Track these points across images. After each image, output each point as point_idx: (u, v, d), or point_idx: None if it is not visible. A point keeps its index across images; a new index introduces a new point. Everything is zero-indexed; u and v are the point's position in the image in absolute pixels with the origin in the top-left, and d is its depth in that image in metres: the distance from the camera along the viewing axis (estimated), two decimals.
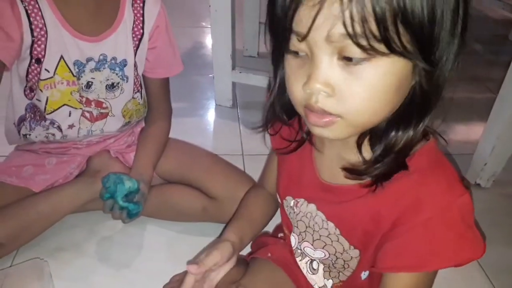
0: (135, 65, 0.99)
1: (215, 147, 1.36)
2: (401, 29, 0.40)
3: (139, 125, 1.13)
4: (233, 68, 1.51)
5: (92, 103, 0.98)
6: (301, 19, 0.42)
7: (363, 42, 0.40)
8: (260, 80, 1.47)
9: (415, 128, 0.48)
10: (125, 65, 0.97)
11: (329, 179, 0.59)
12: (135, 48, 0.97)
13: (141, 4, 0.96)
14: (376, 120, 0.47)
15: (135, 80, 1.01)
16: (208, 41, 2.20)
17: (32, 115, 0.97)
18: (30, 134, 0.99)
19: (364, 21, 0.39)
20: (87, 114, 0.99)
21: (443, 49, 0.44)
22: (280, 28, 0.45)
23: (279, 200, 0.71)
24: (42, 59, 0.89)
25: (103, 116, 1.01)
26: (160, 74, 1.05)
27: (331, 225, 0.60)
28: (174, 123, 1.16)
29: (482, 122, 1.23)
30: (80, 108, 0.97)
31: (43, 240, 0.99)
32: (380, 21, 0.39)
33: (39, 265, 0.86)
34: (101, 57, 0.94)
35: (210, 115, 1.61)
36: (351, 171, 0.53)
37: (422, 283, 0.54)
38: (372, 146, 0.51)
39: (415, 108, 0.48)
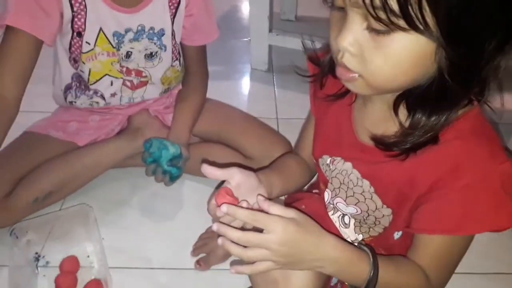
0: (173, 34, 1.00)
1: (250, 110, 1.37)
2: (426, 7, 0.40)
3: (176, 88, 1.16)
4: (270, 30, 1.50)
5: (132, 72, 1.01)
6: None
7: (382, 16, 0.42)
8: (297, 43, 1.42)
9: (440, 116, 0.49)
10: (163, 35, 0.99)
11: (367, 139, 0.59)
12: (172, 17, 0.98)
13: None
14: (394, 86, 0.50)
15: (173, 49, 1.02)
16: (245, 4, 2.17)
17: (78, 84, 1.01)
18: (75, 102, 1.04)
19: None
20: (128, 83, 1.02)
21: (476, 40, 0.43)
22: None
23: (313, 160, 0.72)
24: (82, 33, 0.92)
25: (143, 84, 1.04)
26: (197, 41, 1.06)
27: (366, 183, 0.61)
28: (210, 86, 1.17)
29: None
30: (121, 78, 1.00)
31: (89, 190, 1.05)
32: None
33: (85, 210, 0.92)
34: (139, 27, 0.95)
35: (246, 79, 1.61)
36: (379, 142, 0.55)
37: (455, 247, 0.55)
38: (409, 111, 0.52)
39: (437, 93, 0.48)
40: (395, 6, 0.41)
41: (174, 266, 0.91)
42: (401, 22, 0.42)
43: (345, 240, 0.56)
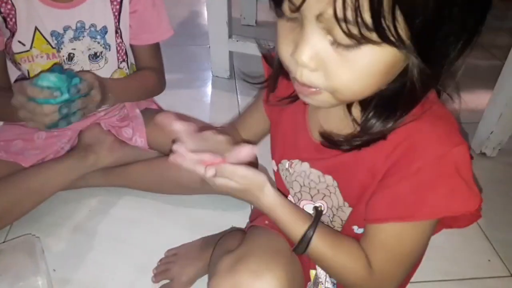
0: (118, 32, 0.94)
1: (213, 119, 1.32)
2: (399, 18, 0.38)
3: None
4: (230, 36, 1.45)
5: None
6: None
7: (354, 31, 0.38)
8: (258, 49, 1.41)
9: (396, 120, 0.48)
10: (105, 33, 0.92)
11: (320, 138, 0.57)
12: (116, 13, 0.92)
13: None
14: (362, 96, 0.46)
15: (118, 48, 0.96)
16: (204, 10, 2.12)
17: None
18: None
19: (357, 8, 0.37)
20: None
21: (444, 45, 0.41)
22: None
23: (273, 167, 0.69)
24: (15, 32, 0.85)
25: None
26: (145, 40, 0.99)
27: (328, 177, 0.58)
28: (170, 95, 1.11)
29: (488, 90, 1.19)
30: None
31: (37, 215, 0.96)
32: (376, 9, 0.36)
33: (31, 241, 0.83)
34: (79, 24, 0.89)
35: (207, 86, 1.56)
36: (327, 139, 0.54)
37: (406, 238, 0.51)
38: (363, 114, 0.50)
39: (405, 98, 0.46)
40: (368, 19, 0.37)
41: None
42: (373, 36, 0.38)
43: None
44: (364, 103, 0.50)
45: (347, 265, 0.53)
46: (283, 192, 0.67)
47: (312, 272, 0.66)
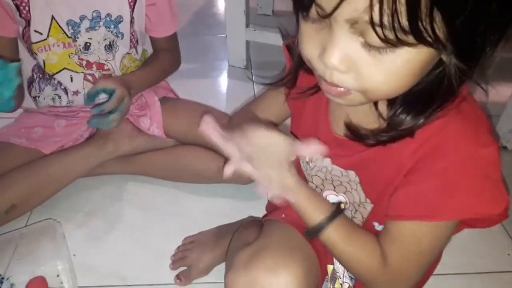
0: (132, 22, 0.94)
1: (229, 109, 1.32)
2: (437, 19, 0.36)
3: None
4: (247, 25, 1.44)
5: (94, 66, 0.94)
6: None
7: (390, 35, 0.37)
8: (276, 38, 1.39)
9: (427, 116, 0.46)
10: (120, 22, 0.92)
11: (342, 132, 0.55)
12: (132, 3, 0.92)
13: None
14: (393, 96, 0.45)
15: (131, 37, 0.96)
16: (221, 1, 2.11)
17: (41, 75, 0.95)
18: (39, 96, 0.97)
19: (395, 13, 0.35)
20: (90, 77, 0.95)
21: (482, 41, 0.40)
22: None
23: None
24: (30, 21, 0.86)
25: (106, 77, 0.96)
26: (162, 33, 1.01)
27: (351, 173, 0.57)
28: (186, 85, 1.11)
29: (510, 83, 1.16)
30: (82, 72, 0.94)
31: (57, 202, 0.98)
32: (414, 12, 0.35)
33: (52, 226, 0.85)
34: (95, 14, 0.89)
35: (223, 76, 1.55)
36: (353, 132, 0.52)
37: (426, 237, 0.50)
38: (392, 109, 0.48)
39: (439, 94, 0.45)
40: (404, 22, 0.35)
41: (152, 282, 0.84)
42: (410, 38, 0.37)
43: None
44: (392, 99, 0.48)
45: (360, 258, 0.52)
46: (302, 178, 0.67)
47: (330, 267, 0.66)
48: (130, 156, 1.05)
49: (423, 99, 0.46)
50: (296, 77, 0.59)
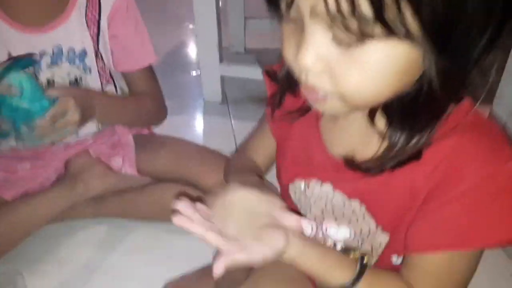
0: (98, 55, 0.90)
1: (207, 144, 1.27)
2: (405, 7, 0.32)
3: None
4: (221, 60, 1.42)
5: None
6: None
7: (353, 26, 0.34)
8: (250, 72, 1.38)
9: (427, 132, 0.42)
10: (85, 55, 0.88)
11: (340, 153, 0.51)
12: (94, 36, 0.88)
13: None
14: (377, 102, 0.42)
15: (101, 72, 0.91)
16: (192, 39, 2.12)
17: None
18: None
19: (354, 1, 0.32)
20: None
21: (464, 41, 0.36)
22: None
23: (278, 189, 0.63)
24: None
25: None
26: (130, 66, 0.93)
27: (355, 203, 0.52)
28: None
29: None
30: None
31: (20, 251, 0.89)
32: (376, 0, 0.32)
33: (13, 278, 0.76)
34: (56, 49, 0.85)
35: (199, 112, 1.52)
36: (353, 165, 0.48)
37: (457, 264, 0.45)
38: (388, 123, 0.44)
39: (427, 102, 0.40)
40: (367, 11, 0.32)
41: None
42: (377, 30, 0.33)
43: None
44: (387, 112, 0.44)
45: None
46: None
47: None
48: (102, 197, 0.97)
49: (412, 111, 0.42)
50: (283, 96, 0.56)
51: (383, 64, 0.36)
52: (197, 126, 1.47)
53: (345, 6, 0.32)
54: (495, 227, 0.43)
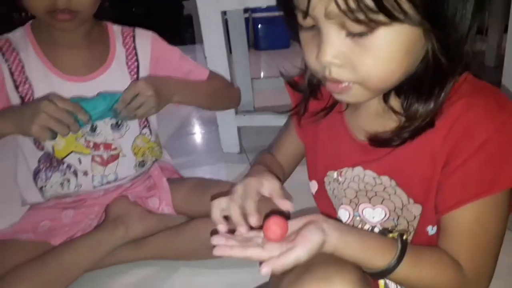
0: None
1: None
2: None
3: (156, 168, 1.09)
4: (237, 112, 1.53)
5: (101, 146, 0.96)
6: None
7: (361, 17, 0.42)
8: (265, 120, 1.48)
9: (436, 99, 0.48)
10: None
11: (365, 137, 0.57)
12: (134, 77, 0.97)
13: (131, 39, 0.98)
14: (392, 82, 0.48)
15: None
16: None
17: (48, 164, 0.95)
18: (45, 186, 0.96)
19: None
20: (98, 159, 0.97)
21: (454, 9, 0.44)
22: (285, 4, 0.49)
23: (313, 188, 0.68)
24: None
25: (114, 158, 0.98)
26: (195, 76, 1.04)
27: (384, 178, 0.56)
28: (184, 175, 1.14)
29: None
30: (89, 154, 0.95)
31: None
32: None
33: None
34: None
35: (220, 163, 1.59)
36: (375, 140, 0.54)
37: (489, 216, 0.48)
38: (404, 100, 0.51)
39: (434, 75, 0.48)
40: (370, 3, 0.41)
41: None
42: (381, 17, 0.42)
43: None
44: (400, 92, 0.51)
45: (436, 280, 0.49)
46: (329, 212, 0.66)
47: (381, 282, 0.62)
48: (142, 239, 1.01)
49: (425, 82, 0.48)
50: (307, 103, 0.64)
51: (391, 47, 0.44)
52: (218, 176, 1.53)
53: (351, 2, 0.41)
54: None
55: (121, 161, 0.99)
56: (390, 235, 0.57)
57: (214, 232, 0.54)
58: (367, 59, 0.45)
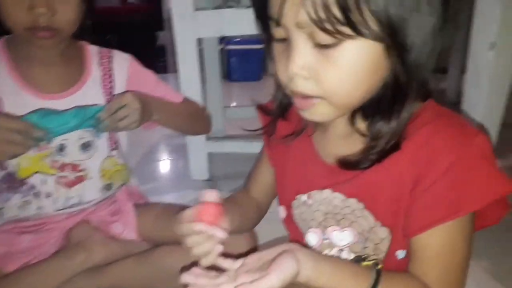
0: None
1: None
2: (365, 11, 0.42)
3: (122, 192, 1.06)
4: (208, 138, 1.52)
5: (67, 167, 0.93)
6: (273, 5, 0.46)
7: (329, 27, 0.43)
8: (236, 146, 1.48)
9: (398, 119, 0.49)
10: None
11: (334, 160, 0.57)
12: (107, 102, 0.96)
13: (108, 60, 0.98)
14: (356, 99, 0.49)
15: (109, 136, 0.98)
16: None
17: (9, 184, 0.90)
18: (3, 208, 0.91)
19: (327, 6, 0.42)
20: (63, 180, 0.93)
21: (415, 30, 0.45)
22: (258, 14, 0.51)
23: (282, 213, 0.68)
24: None
25: (80, 179, 0.95)
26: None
27: (352, 201, 0.57)
28: (151, 201, 1.12)
29: None
30: (54, 174, 0.92)
31: None
32: (342, 5, 0.42)
33: None
34: None
35: (187, 190, 1.56)
36: (343, 163, 0.54)
37: (457, 238, 0.50)
38: (368, 121, 0.52)
39: (394, 94, 0.49)
40: (338, 14, 0.42)
41: None
42: (347, 30, 0.43)
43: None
44: (365, 113, 0.52)
45: None
46: (298, 236, 0.66)
47: None
48: (103, 266, 0.96)
49: (388, 101, 0.49)
50: (276, 123, 0.64)
51: (355, 61, 0.45)
52: (186, 203, 1.50)
53: (321, 11, 0.42)
54: (477, 191, 0.48)
55: (87, 184, 0.96)
56: (364, 263, 0.58)
57: (185, 269, 0.54)
58: (331, 72, 0.46)
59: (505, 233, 1.14)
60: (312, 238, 0.63)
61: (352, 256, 0.60)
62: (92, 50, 0.98)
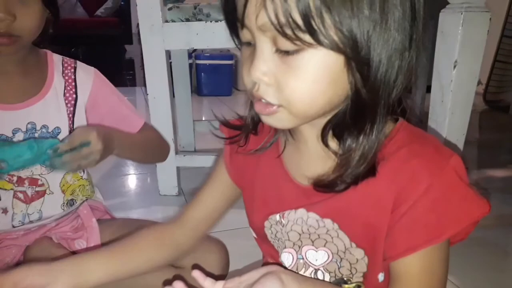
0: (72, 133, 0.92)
1: None
2: (327, 20, 0.41)
3: (86, 207, 1.01)
4: (177, 152, 1.50)
5: (26, 182, 0.88)
6: (239, 6, 0.46)
7: (289, 32, 0.42)
8: (207, 161, 1.46)
9: (367, 135, 0.48)
10: (58, 133, 0.91)
11: (307, 181, 0.56)
12: (70, 115, 0.92)
13: (72, 70, 0.94)
14: (315, 109, 0.47)
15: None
16: None
17: None
18: None
19: (287, 11, 0.41)
20: (21, 195, 0.88)
21: (379, 46, 0.43)
22: (227, 16, 0.50)
23: (254, 233, 0.67)
24: None
25: (40, 195, 0.90)
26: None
27: (327, 221, 0.56)
28: (117, 217, 1.09)
29: None
30: (11, 189, 0.87)
31: None
32: (303, 11, 0.41)
33: None
34: (29, 125, 0.87)
35: (156, 206, 1.52)
36: (318, 184, 0.53)
37: (437, 262, 0.50)
38: (337, 138, 0.51)
39: (357, 108, 0.47)
40: (299, 20, 0.41)
41: None
42: (307, 37, 0.42)
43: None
44: (335, 130, 0.51)
45: None
46: (272, 255, 0.64)
47: None
48: None
49: (350, 116, 0.48)
50: (247, 137, 0.62)
51: (315, 70, 0.44)
52: (154, 219, 1.46)
53: (281, 16, 0.41)
54: (457, 214, 0.48)
55: (48, 199, 0.91)
56: (346, 286, 0.57)
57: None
58: (291, 79, 0.44)
59: (471, 248, 1.17)
60: (287, 257, 0.61)
61: (328, 276, 0.59)
62: (56, 59, 0.94)
